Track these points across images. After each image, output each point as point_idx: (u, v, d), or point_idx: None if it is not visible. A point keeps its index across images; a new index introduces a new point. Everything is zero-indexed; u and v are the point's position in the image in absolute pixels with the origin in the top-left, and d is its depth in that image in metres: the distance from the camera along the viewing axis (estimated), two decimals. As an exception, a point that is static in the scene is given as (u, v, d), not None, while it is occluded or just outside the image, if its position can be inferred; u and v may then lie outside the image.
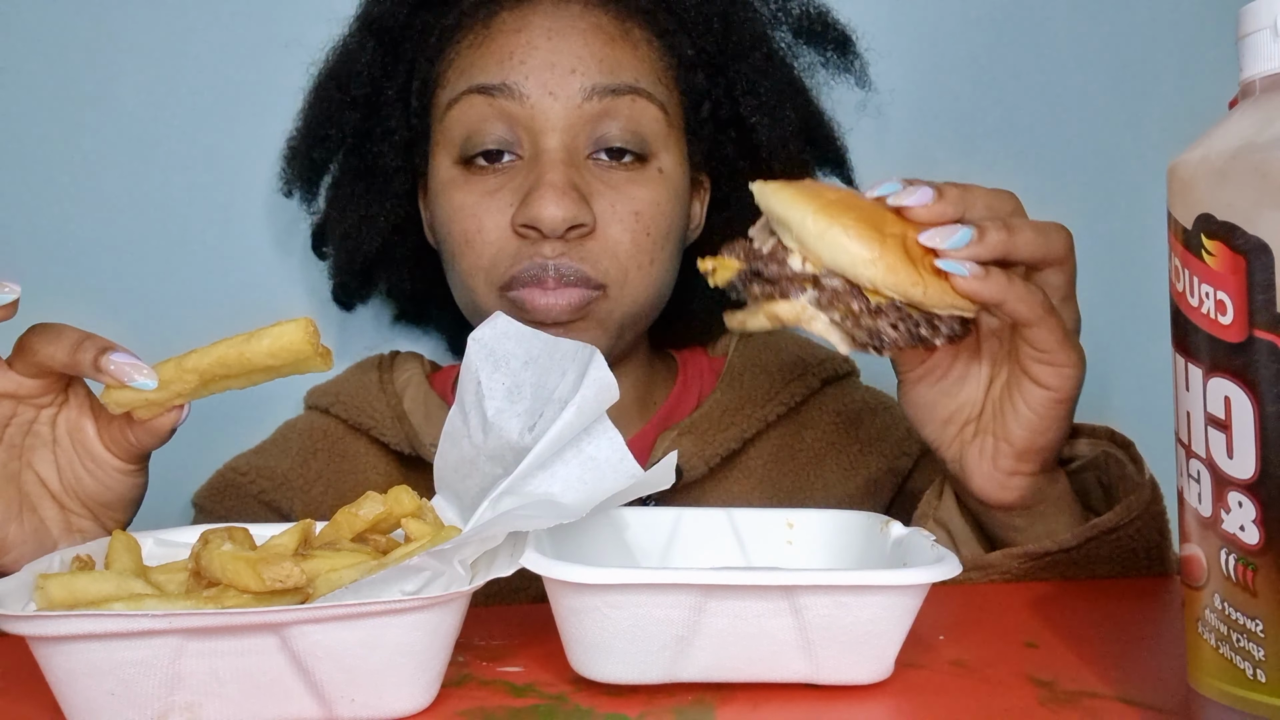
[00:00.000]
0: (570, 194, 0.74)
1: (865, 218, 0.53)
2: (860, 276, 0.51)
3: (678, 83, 0.82)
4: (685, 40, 0.83)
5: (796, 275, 0.53)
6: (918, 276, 0.52)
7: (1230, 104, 0.43)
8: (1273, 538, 0.37)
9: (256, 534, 0.54)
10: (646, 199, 0.78)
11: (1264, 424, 0.37)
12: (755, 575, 0.46)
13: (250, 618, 0.43)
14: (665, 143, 0.80)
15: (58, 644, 0.43)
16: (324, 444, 0.87)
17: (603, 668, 0.48)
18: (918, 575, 0.46)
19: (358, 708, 0.46)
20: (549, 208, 0.73)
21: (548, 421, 0.53)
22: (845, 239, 0.51)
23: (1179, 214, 0.40)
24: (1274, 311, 0.37)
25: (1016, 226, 0.55)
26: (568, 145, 0.76)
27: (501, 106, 0.77)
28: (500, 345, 0.56)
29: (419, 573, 0.47)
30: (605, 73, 0.77)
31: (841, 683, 0.48)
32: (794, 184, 0.55)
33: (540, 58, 0.76)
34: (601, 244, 0.76)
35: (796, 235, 0.53)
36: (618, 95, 0.77)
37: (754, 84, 0.86)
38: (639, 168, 0.78)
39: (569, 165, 0.76)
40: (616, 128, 0.76)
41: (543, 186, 0.74)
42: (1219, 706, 0.40)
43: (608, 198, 0.77)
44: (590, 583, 0.46)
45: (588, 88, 0.76)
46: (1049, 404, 0.60)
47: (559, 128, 0.76)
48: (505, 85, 0.76)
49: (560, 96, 0.76)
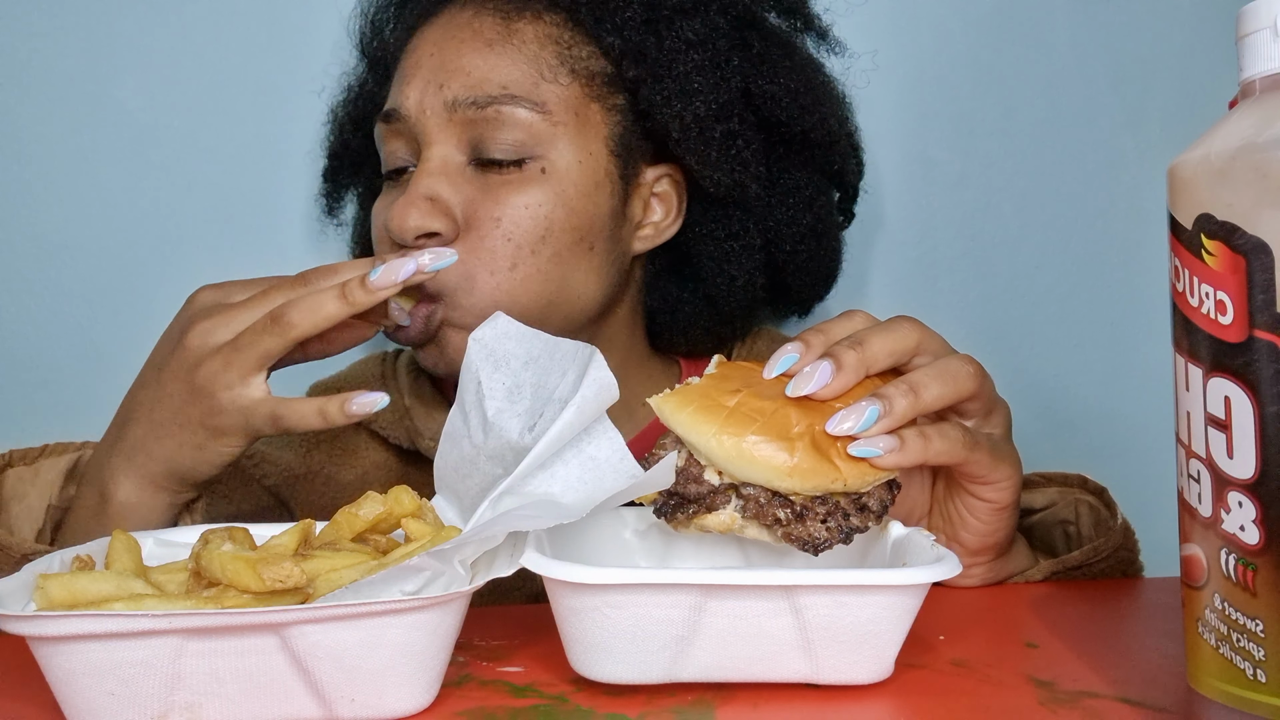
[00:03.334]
0: (420, 204, 0.74)
1: (770, 424, 0.52)
2: (779, 488, 0.51)
3: (586, 74, 0.79)
4: (605, 27, 0.80)
5: (717, 489, 0.53)
6: (835, 471, 0.51)
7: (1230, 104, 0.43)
8: (1273, 538, 0.37)
9: (256, 534, 0.54)
10: (514, 203, 0.76)
11: (1264, 424, 0.37)
12: (755, 575, 0.46)
13: (250, 618, 0.43)
14: (551, 140, 0.77)
15: (58, 644, 0.43)
16: (324, 437, 0.88)
17: (603, 668, 0.48)
18: (917, 575, 0.46)
19: (358, 708, 0.46)
20: (395, 218, 0.74)
21: (548, 421, 0.53)
22: (756, 457, 0.51)
23: (1179, 214, 0.40)
24: (1274, 311, 0.37)
25: (921, 384, 0.55)
26: (444, 156, 0.77)
27: (396, 129, 0.79)
28: (501, 345, 0.56)
29: (419, 573, 0.47)
30: (471, 85, 0.77)
31: (841, 683, 0.48)
32: (691, 394, 0.54)
33: (421, 76, 0.78)
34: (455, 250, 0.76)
35: (707, 458, 0.53)
36: (480, 107, 0.76)
37: (668, 65, 0.80)
38: (515, 171, 0.77)
39: (436, 175, 0.76)
40: (487, 137, 0.77)
41: (401, 198, 0.75)
42: (1219, 706, 0.40)
43: (475, 204, 0.76)
44: (590, 583, 0.46)
45: (449, 101, 0.77)
46: (992, 513, 0.62)
47: (435, 140, 0.77)
48: (394, 110, 0.79)
49: (431, 113, 0.77)
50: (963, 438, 0.57)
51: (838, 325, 0.59)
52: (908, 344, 0.57)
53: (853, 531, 0.52)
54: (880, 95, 1.02)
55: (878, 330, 0.57)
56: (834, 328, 0.59)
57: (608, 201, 0.79)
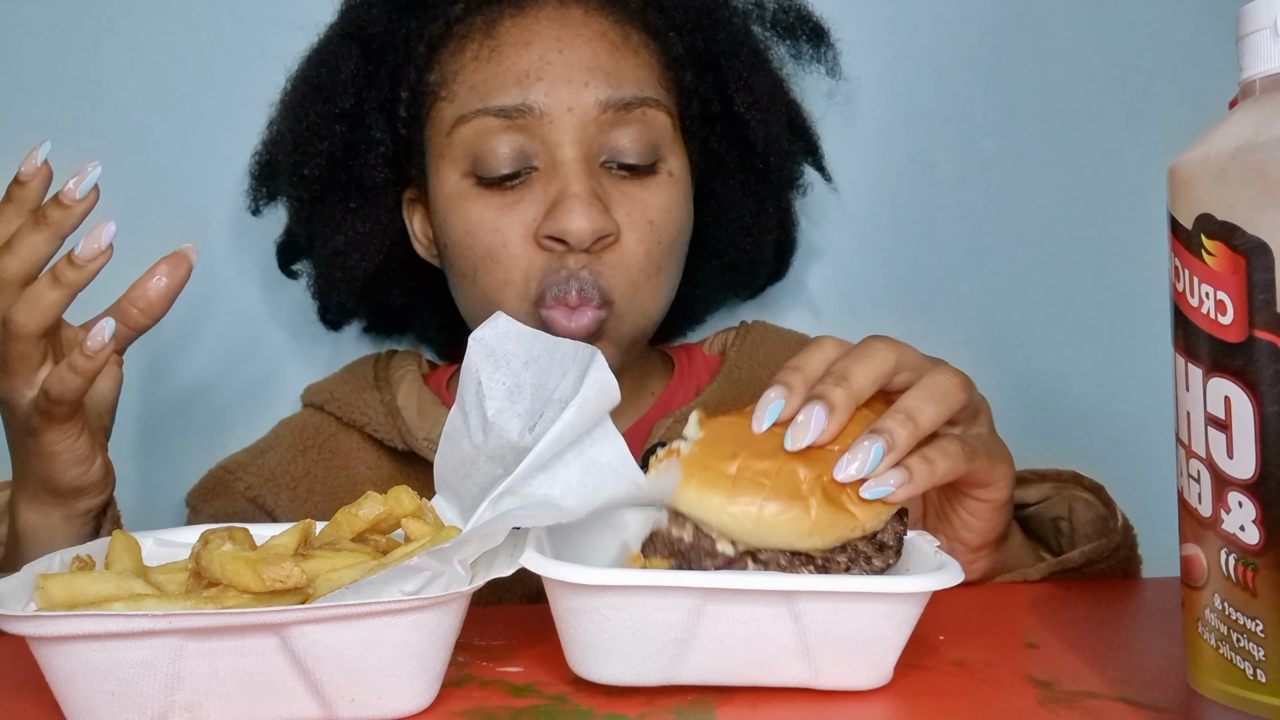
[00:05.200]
0: (596, 204, 0.74)
1: (779, 485, 0.50)
2: (799, 549, 0.50)
3: (674, 82, 0.82)
4: (675, 39, 0.83)
5: (733, 559, 0.51)
6: (852, 519, 0.50)
7: (1230, 104, 0.43)
8: (1273, 538, 0.37)
9: (256, 534, 0.54)
10: (660, 205, 0.78)
11: (1264, 424, 0.37)
12: (755, 579, 0.46)
13: (250, 618, 0.43)
14: (672, 146, 0.80)
15: (58, 644, 0.43)
16: (315, 441, 0.87)
17: (601, 668, 0.48)
18: (918, 583, 0.46)
19: (358, 708, 0.46)
20: (577, 220, 0.73)
21: (548, 422, 0.53)
22: (776, 524, 0.49)
23: (1179, 214, 0.40)
24: (1274, 311, 0.37)
25: (916, 410, 0.54)
26: (585, 155, 0.76)
27: (520, 125, 0.76)
28: (501, 345, 0.56)
29: (419, 573, 0.47)
30: (615, 85, 0.76)
31: (840, 688, 0.48)
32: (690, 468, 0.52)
33: (555, 73, 0.76)
34: (618, 256, 0.76)
35: (720, 531, 0.51)
36: (630, 109, 0.77)
37: (746, 80, 0.86)
38: (651, 174, 0.78)
39: (590, 175, 0.76)
40: (629, 140, 0.77)
41: (569, 198, 0.74)
42: (1219, 706, 0.40)
43: (625, 207, 0.77)
44: (590, 583, 0.46)
45: (602, 101, 0.76)
46: (991, 511, 0.62)
47: (576, 140, 0.76)
48: (524, 106, 0.76)
49: (577, 111, 0.76)
50: (961, 450, 0.56)
51: (811, 358, 0.56)
52: (887, 366, 0.55)
53: (878, 572, 0.52)
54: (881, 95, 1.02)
55: (856, 358, 0.55)
56: (808, 362, 0.56)
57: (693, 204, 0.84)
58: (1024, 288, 1.05)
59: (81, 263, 0.60)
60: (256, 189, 0.93)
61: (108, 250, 0.60)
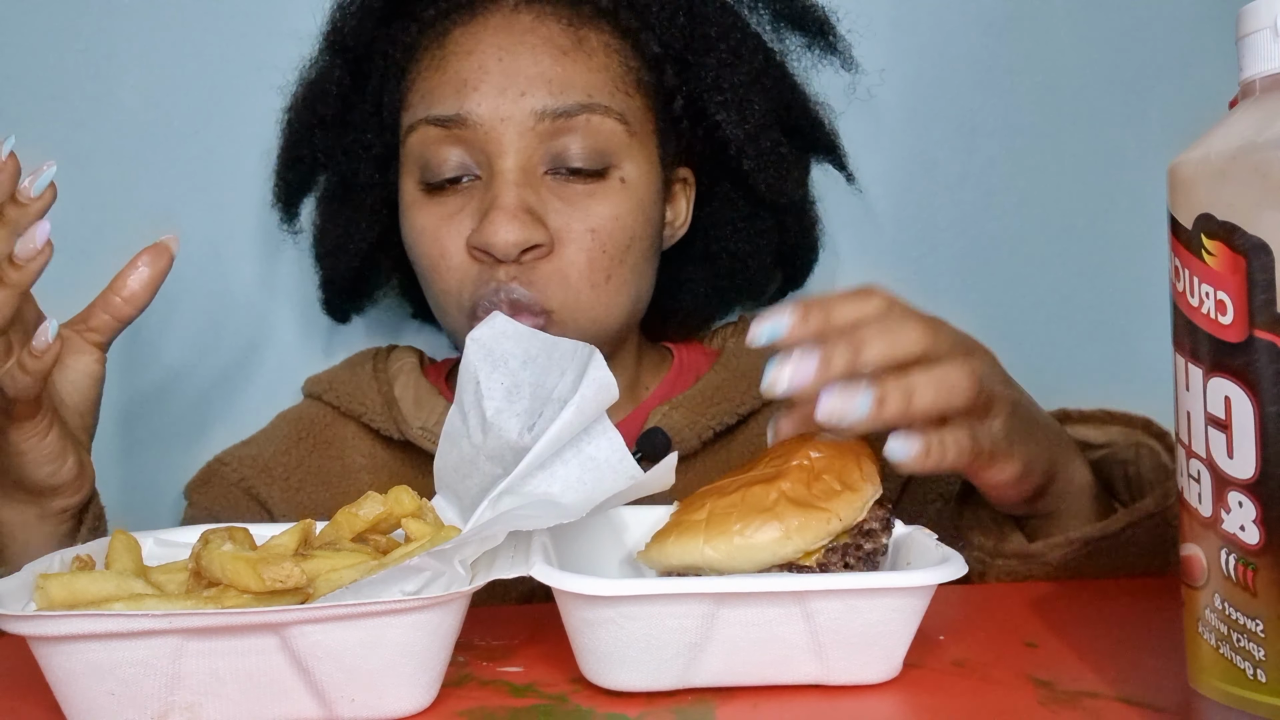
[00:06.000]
0: (521, 216, 0.73)
1: (745, 508, 0.51)
2: (788, 558, 0.51)
3: (642, 84, 0.81)
4: (650, 37, 0.82)
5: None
6: (824, 512, 0.51)
7: (1230, 104, 0.43)
8: (1273, 538, 0.37)
9: (257, 534, 0.54)
10: (604, 214, 0.77)
11: (1264, 424, 0.37)
12: (767, 582, 0.47)
13: (250, 618, 0.43)
14: (628, 151, 0.78)
15: (58, 644, 0.43)
16: (311, 431, 0.88)
17: (617, 676, 0.48)
18: (926, 576, 0.47)
19: (358, 708, 0.46)
20: (500, 232, 0.73)
21: (547, 421, 0.53)
22: (750, 543, 0.50)
23: (1179, 214, 0.40)
24: (1274, 311, 0.37)
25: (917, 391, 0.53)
26: (522, 165, 0.75)
27: (457, 135, 0.76)
28: (499, 345, 0.56)
29: (419, 573, 0.47)
30: (556, 94, 0.76)
31: (851, 683, 0.48)
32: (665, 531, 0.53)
33: (492, 82, 0.76)
34: (554, 266, 0.76)
35: (707, 569, 0.51)
36: (570, 116, 0.76)
37: (718, 78, 0.84)
38: (598, 181, 0.77)
39: (522, 186, 0.75)
40: (572, 147, 0.76)
41: (494, 210, 0.73)
42: (1219, 706, 0.40)
43: (564, 214, 0.76)
44: (604, 595, 0.46)
45: (538, 110, 0.75)
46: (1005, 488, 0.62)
47: (513, 149, 0.75)
48: (458, 116, 0.76)
49: (512, 121, 0.75)
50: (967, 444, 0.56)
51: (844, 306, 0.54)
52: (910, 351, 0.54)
53: (872, 555, 0.52)
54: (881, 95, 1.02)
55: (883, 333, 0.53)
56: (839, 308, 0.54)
57: (661, 208, 0.83)
58: (1024, 288, 1.05)
59: (20, 262, 0.59)
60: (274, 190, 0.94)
61: (46, 249, 0.59)
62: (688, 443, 0.82)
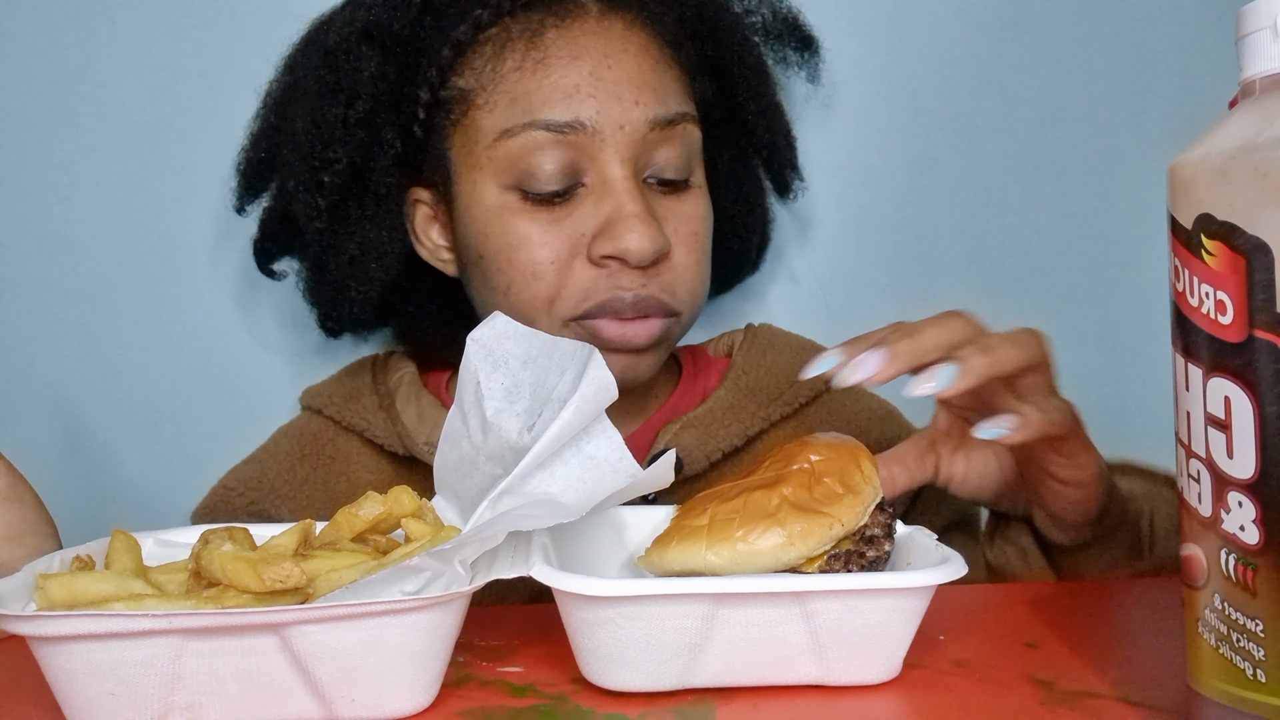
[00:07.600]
0: (652, 223, 0.74)
1: (747, 514, 0.52)
2: (790, 564, 0.51)
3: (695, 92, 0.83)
4: (691, 48, 0.83)
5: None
6: (826, 517, 0.51)
7: (1230, 104, 0.43)
8: (1273, 538, 0.37)
9: (256, 534, 0.54)
10: (698, 217, 0.79)
11: (1264, 424, 0.37)
12: (767, 582, 0.47)
13: (250, 618, 0.43)
14: (699, 157, 0.81)
15: (58, 644, 0.43)
16: (313, 447, 0.86)
17: (617, 676, 0.48)
18: (925, 577, 0.47)
19: (358, 708, 0.46)
20: (638, 240, 0.73)
21: (547, 421, 0.53)
22: (754, 549, 0.50)
23: (1179, 214, 0.40)
24: (1274, 311, 0.37)
25: (992, 349, 0.56)
26: (633, 173, 0.76)
27: (570, 140, 0.75)
28: (499, 345, 0.56)
29: (419, 573, 0.47)
30: (661, 102, 0.76)
31: (851, 684, 0.48)
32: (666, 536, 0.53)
33: (606, 90, 0.75)
34: (673, 270, 0.77)
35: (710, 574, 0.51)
36: (673, 125, 0.77)
37: (755, 87, 0.87)
38: (686, 189, 0.79)
39: (641, 193, 0.76)
40: (669, 156, 0.77)
41: (627, 218, 0.73)
42: (1219, 706, 0.40)
43: (670, 222, 0.77)
44: (604, 595, 0.46)
45: (650, 119, 0.76)
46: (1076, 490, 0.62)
47: (626, 158, 0.75)
48: (576, 123, 0.74)
49: (628, 129, 0.75)
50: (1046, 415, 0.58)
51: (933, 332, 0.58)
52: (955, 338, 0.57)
53: (875, 564, 0.52)
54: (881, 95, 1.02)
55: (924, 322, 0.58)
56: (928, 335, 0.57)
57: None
58: (1024, 288, 1.05)
59: None
60: (245, 187, 0.90)
61: None
62: (696, 464, 0.82)
